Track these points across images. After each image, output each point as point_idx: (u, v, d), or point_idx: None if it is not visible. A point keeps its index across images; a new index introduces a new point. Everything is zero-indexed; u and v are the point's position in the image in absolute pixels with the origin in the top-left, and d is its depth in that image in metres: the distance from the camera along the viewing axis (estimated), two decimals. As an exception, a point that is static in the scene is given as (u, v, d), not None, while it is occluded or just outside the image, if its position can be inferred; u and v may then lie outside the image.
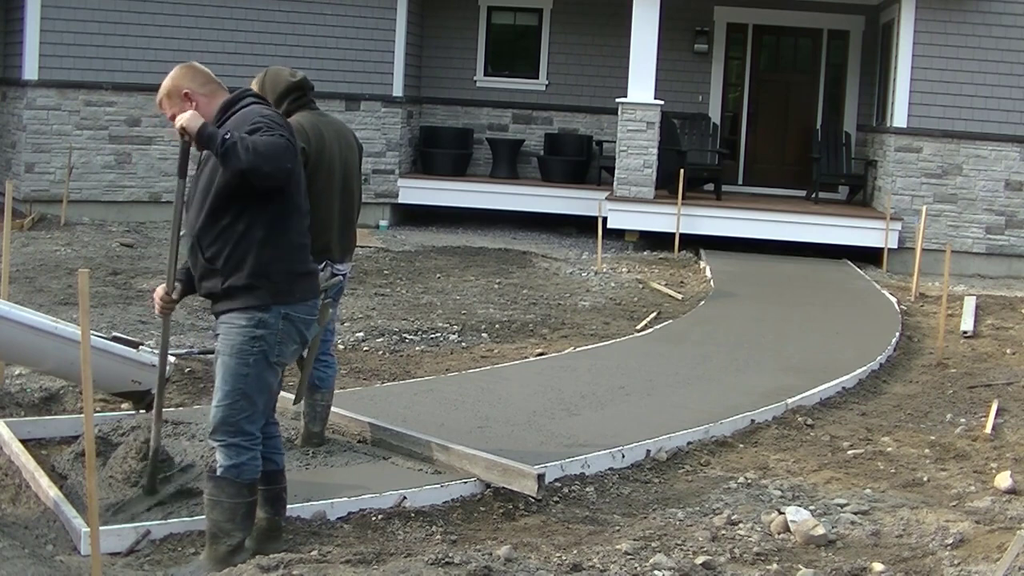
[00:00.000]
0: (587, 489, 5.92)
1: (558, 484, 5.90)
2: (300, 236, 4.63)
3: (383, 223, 15.95)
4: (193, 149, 4.59)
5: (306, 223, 4.69)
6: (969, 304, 11.40)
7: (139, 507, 5.16)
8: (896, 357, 9.41)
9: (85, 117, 14.88)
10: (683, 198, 14.54)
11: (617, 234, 14.98)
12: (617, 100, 15.14)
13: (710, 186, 16.01)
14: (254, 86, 5.85)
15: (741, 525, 5.41)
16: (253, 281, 4.51)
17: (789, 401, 7.57)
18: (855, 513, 5.59)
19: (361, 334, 9.19)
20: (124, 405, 6.43)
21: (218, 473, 4.60)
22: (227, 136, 4.35)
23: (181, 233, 4.76)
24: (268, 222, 4.51)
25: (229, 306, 4.56)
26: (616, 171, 15.14)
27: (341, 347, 8.81)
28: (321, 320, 4.87)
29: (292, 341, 4.63)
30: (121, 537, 4.87)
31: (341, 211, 5.92)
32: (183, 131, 4.49)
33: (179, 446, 5.81)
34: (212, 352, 4.82)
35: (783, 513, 5.40)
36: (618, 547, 4.95)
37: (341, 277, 5.94)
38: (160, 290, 4.81)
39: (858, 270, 13.85)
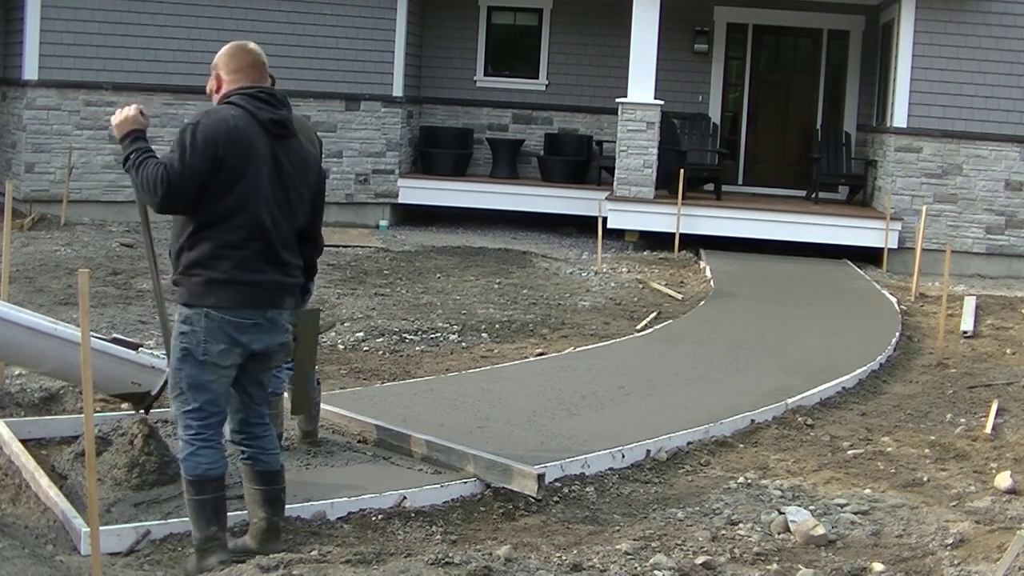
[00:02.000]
0: (587, 489, 5.92)
1: (558, 484, 5.90)
2: (226, 245, 4.53)
3: (383, 223, 15.95)
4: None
5: (247, 232, 4.54)
6: (969, 304, 11.39)
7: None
8: (896, 357, 9.41)
9: (85, 117, 14.88)
10: (683, 198, 14.54)
11: (617, 234, 14.98)
12: (617, 100, 15.14)
13: (710, 186, 16.01)
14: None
15: (741, 525, 5.41)
16: (180, 278, 4.62)
17: (789, 401, 7.57)
18: (855, 513, 5.59)
19: (361, 334, 9.19)
20: (124, 405, 6.42)
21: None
22: (131, 156, 4.59)
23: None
24: (195, 227, 4.55)
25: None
26: (616, 171, 15.14)
27: (341, 347, 8.82)
28: (303, 330, 4.85)
29: (219, 341, 4.54)
30: (121, 537, 4.87)
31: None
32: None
33: (179, 446, 5.81)
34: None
35: (783, 513, 5.40)
36: (618, 547, 4.95)
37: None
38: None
39: (858, 270, 13.85)
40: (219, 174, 4.49)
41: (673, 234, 14.50)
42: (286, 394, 6.31)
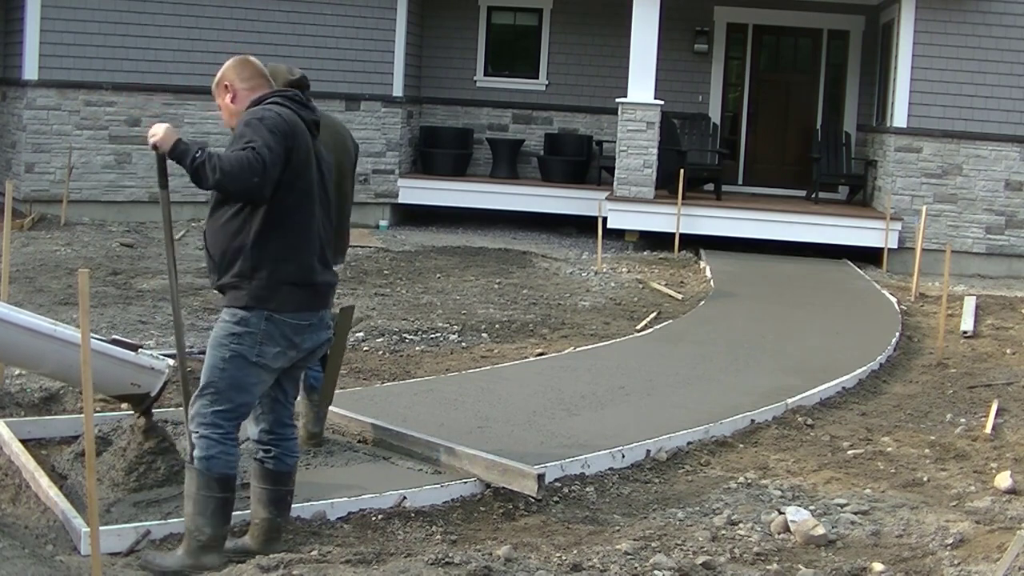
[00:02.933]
0: (587, 489, 5.92)
1: (558, 484, 5.90)
2: (294, 244, 4.56)
3: (383, 223, 15.95)
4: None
5: (306, 234, 4.60)
6: (969, 304, 11.39)
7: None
8: (896, 357, 9.41)
9: (85, 117, 14.88)
10: (683, 198, 14.54)
11: (617, 234, 14.98)
12: (617, 100, 15.14)
13: (710, 186, 16.00)
14: None
15: (741, 525, 5.41)
16: (238, 281, 4.54)
17: (789, 401, 7.57)
18: (855, 513, 5.59)
19: (361, 334, 9.19)
20: (124, 405, 6.42)
21: (192, 463, 4.63)
22: (197, 155, 4.38)
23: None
24: (259, 226, 4.50)
25: (224, 302, 4.63)
26: (616, 171, 15.14)
27: (341, 347, 8.81)
28: (341, 326, 4.84)
29: (276, 344, 4.57)
30: (121, 537, 4.87)
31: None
32: (154, 145, 4.52)
33: (179, 446, 5.81)
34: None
35: (783, 513, 5.40)
36: (618, 547, 4.95)
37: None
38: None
39: (858, 270, 13.85)
40: (287, 168, 4.50)
41: (673, 234, 14.50)
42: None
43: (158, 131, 4.51)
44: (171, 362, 6.28)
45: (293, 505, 5.16)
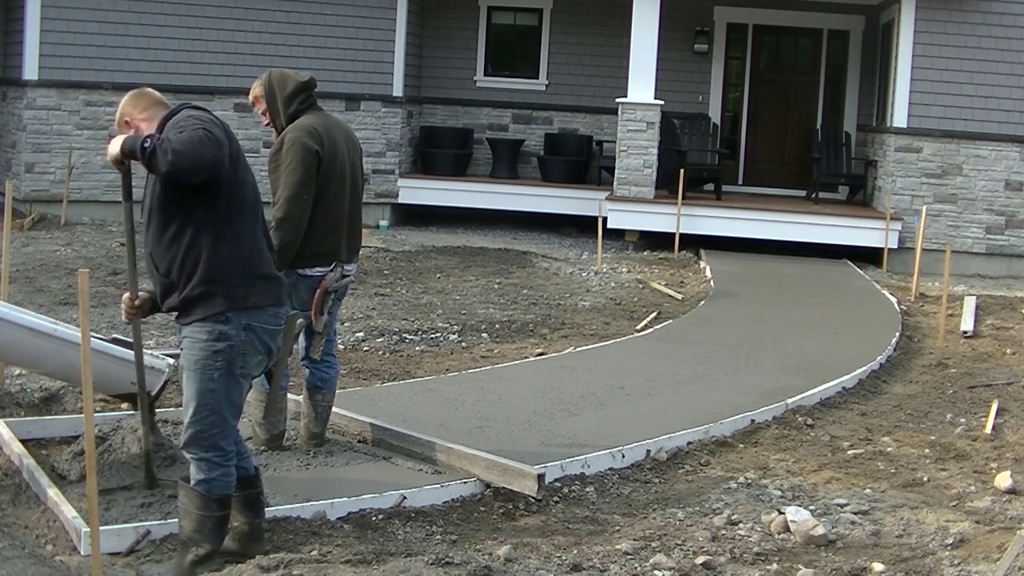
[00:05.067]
0: (587, 489, 5.92)
1: (558, 484, 5.90)
2: (254, 237, 4.52)
3: (383, 223, 15.95)
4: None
5: (260, 224, 4.58)
6: (969, 304, 11.40)
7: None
8: (896, 357, 9.41)
9: (85, 117, 14.88)
10: (683, 198, 14.54)
11: (617, 234, 14.98)
12: (617, 100, 15.14)
13: (710, 186, 16.01)
14: (257, 89, 5.85)
15: (741, 525, 5.41)
16: (207, 288, 4.42)
17: (789, 401, 7.57)
18: (855, 513, 5.59)
19: (361, 334, 9.19)
20: (124, 405, 6.42)
21: (190, 484, 4.58)
22: (145, 144, 4.30)
23: (139, 251, 4.75)
24: (215, 225, 4.41)
25: (188, 319, 4.49)
26: (616, 171, 15.14)
27: (341, 347, 8.81)
28: (287, 334, 4.70)
29: (256, 352, 4.54)
30: (121, 537, 4.86)
31: (349, 212, 5.96)
32: (114, 159, 4.50)
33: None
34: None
35: (783, 513, 5.40)
36: (618, 547, 4.95)
37: (351, 277, 6.01)
38: (125, 297, 4.79)
39: (858, 270, 13.85)
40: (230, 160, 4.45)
41: (673, 234, 14.50)
42: (289, 394, 6.34)
43: (112, 145, 4.48)
44: (171, 361, 6.29)
45: (293, 505, 5.18)
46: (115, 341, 6.10)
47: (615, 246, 14.72)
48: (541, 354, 8.88)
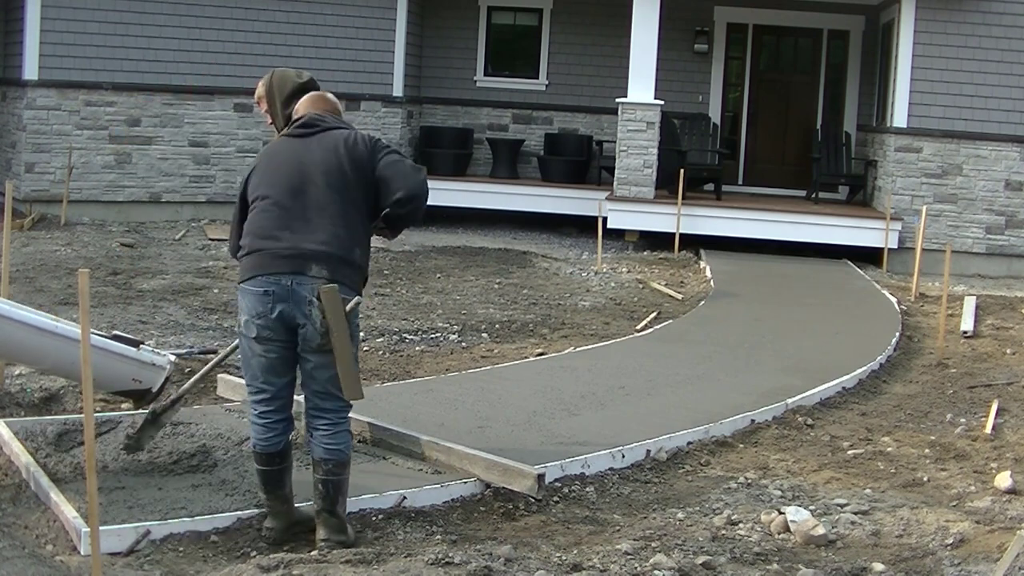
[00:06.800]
0: (587, 489, 5.92)
1: (558, 484, 5.90)
2: (252, 223, 5.04)
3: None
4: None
5: (261, 212, 5.03)
6: (969, 304, 11.40)
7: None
8: (896, 357, 9.41)
9: (85, 117, 14.88)
10: (683, 198, 14.54)
11: (617, 234, 14.98)
12: (617, 100, 15.14)
13: (710, 186, 16.01)
14: (260, 88, 5.85)
15: (741, 525, 5.41)
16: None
17: (789, 401, 7.57)
18: (855, 513, 5.59)
19: (361, 334, 9.18)
20: (124, 405, 6.43)
21: None
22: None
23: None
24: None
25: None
26: (616, 171, 15.14)
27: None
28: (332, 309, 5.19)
29: (244, 312, 4.95)
30: (121, 537, 4.86)
31: None
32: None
33: (179, 447, 5.82)
34: (213, 352, 4.86)
35: (783, 513, 5.40)
36: (618, 547, 4.95)
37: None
38: None
39: (858, 270, 13.85)
40: None
41: (673, 234, 14.50)
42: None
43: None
44: (172, 357, 6.30)
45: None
46: (116, 338, 6.10)
47: (615, 246, 14.72)
48: (541, 354, 8.88)
